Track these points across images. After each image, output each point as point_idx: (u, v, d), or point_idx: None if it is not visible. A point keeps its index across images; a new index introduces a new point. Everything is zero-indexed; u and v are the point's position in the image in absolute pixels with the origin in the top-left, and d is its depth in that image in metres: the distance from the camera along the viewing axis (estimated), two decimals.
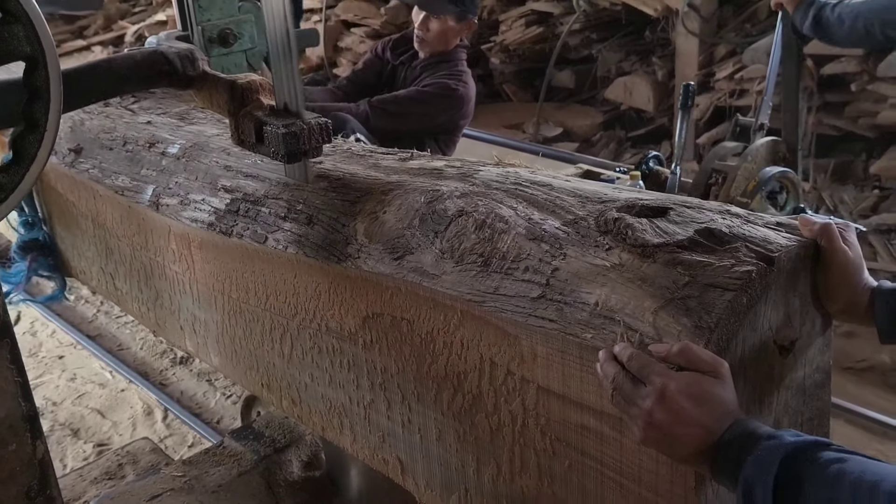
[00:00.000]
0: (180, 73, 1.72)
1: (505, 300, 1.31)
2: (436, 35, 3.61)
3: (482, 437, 1.42)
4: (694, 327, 1.12)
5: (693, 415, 1.06)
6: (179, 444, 3.47)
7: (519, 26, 6.93)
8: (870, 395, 3.56)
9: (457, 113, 3.63)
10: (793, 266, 1.22)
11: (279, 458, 2.17)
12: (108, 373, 4.06)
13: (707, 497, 1.17)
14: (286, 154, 1.57)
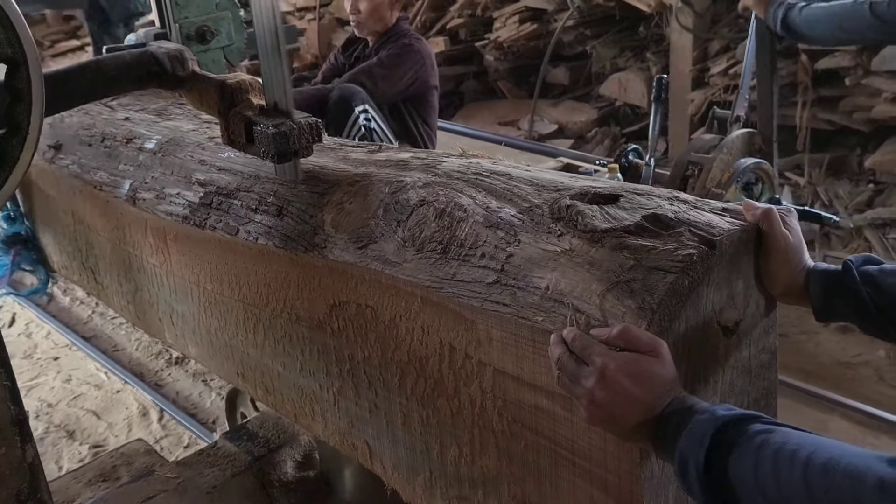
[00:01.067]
0: (170, 74, 1.76)
1: (462, 286, 1.37)
2: (368, 13, 3.72)
3: (444, 420, 1.48)
4: (637, 308, 1.18)
5: (633, 392, 1.12)
6: (175, 445, 3.51)
7: (513, 23, 6.99)
8: (865, 389, 3.60)
9: (421, 69, 3.73)
10: (735, 250, 1.27)
11: (273, 458, 2.21)
12: (104, 374, 4.10)
13: (652, 471, 1.22)
14: (276, 154, 1.60)
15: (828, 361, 3.84)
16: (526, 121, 6.81)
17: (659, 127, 2.96)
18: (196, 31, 2.22)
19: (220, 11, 2.26)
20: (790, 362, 3.81)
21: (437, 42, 7.31)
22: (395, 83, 3.62)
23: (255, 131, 1.62)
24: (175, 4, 2.17)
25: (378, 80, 3.55)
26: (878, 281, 1.24)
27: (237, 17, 2.32)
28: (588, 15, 6.71)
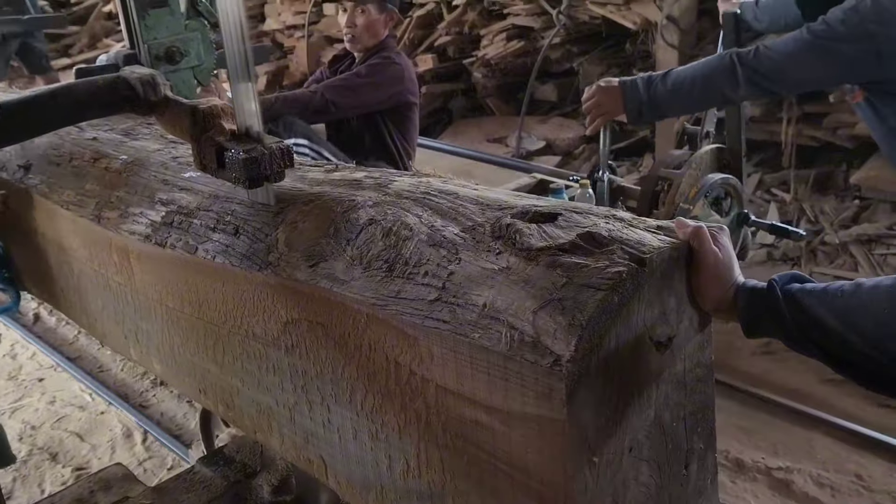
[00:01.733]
0: (142, 99, 1.78)
1: (405, 303, 1.41)
2: (363, 28, 3.79)
3: (392, 435, 1.52)
4: (567, 325, 1.22)
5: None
6: (159, 467, 3.52)
7: (500, 40, 7.06)
8: (851, 406, 3.62)
9: (401, 84, 3.81)
10: (666, 267, 1.32)
11: (250, 483, 2.21)
12: (89, 395, 4.13)
13: (585, 484, 1.26)
14: (247, 179, 1.61)
15: (813, 379, 3.85)
16: (514, 137, 6.86)
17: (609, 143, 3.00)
18: (165, 52, 2.26)
19: (190, 32, 2.30)
20: (775, 379, 3.87)
21: (426, 59, 7.38)
22: (372, 93, 3.68)
23: (226, 157, 1.64)
24: (144, 26, 2.21)
25: (355, 88, 3.62)
26: (799, 300, 1.29)
27: (206, 38, 2.37)
28: (574, 32, 6.78)
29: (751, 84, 2.66)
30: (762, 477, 3.25)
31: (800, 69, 2.66)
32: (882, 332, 1.20)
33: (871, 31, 2.53)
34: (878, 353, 1.21)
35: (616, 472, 1.32)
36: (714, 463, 1.49)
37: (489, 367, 1.30)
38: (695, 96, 2.73)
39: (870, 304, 1.22)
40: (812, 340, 1.28)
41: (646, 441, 1.36)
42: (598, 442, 1.27)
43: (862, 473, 3.23)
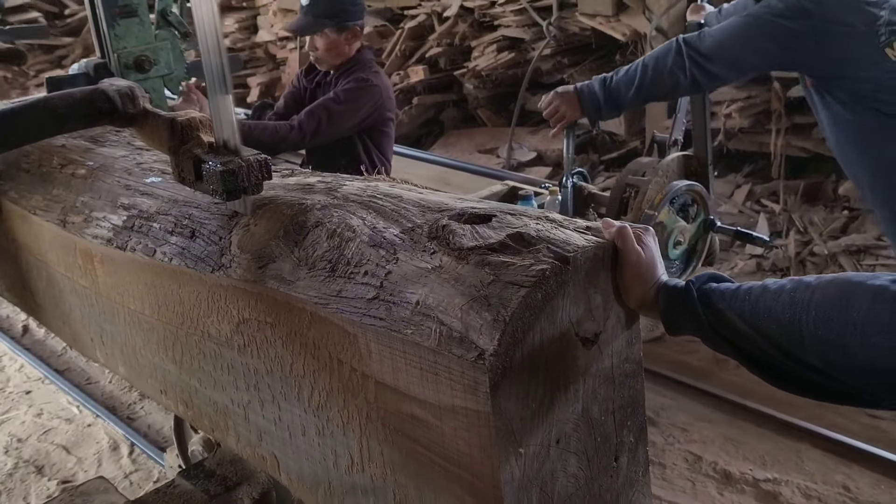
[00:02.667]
0: (120, 112, 1.81)
1: (345, 302, 1.48)
2: (324, 51, 3.84)
3: (337, 431, 1.58)
4: (492, 321, 1.29)
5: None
6: (145, 480, 3.57)
7: (491, 52, 7.14)
8: (839, 418, 3.68)
9: (378, 102, 3.85)
10: (591, 265, 1.38)
11: (230, 496, 2.23)
12: (76, 407, 4.17)
13: (512, 475, 1.32)
14: (224, 191, 1.64)
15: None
16: (505, 148, 6.93)
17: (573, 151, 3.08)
18: (135, 61, 2.34)
19: (159, 42, 2.38)
20: (763, 390, 3.85)
21: (417, 71, 7.46)
22: (351, 118, 3.74)
23: (203, 169, 1.67)
24: (114, 35, 2.29)
25: (334, 115, 3.67)
26: (711, 301, 1.35)
27: (176, 47, 2.44)
28: (565, 43, 6.85)
29: (696, 66, 2.72)
30: (750, 489, 3.30)
31: (740, 47, 2.72)
32: (784, 335, 1.26)
33: (808, 8, 2.60)
34: (782, 355, 1.27)
35: (543, 463, 1.38)
36: (645, 456, 1.55)
37: (421, 362, 1.36)
38: (647, 83, 2.79)
39: (773, 307, 1.28)
40: (725, 339, 1.35)
41: (574, 433, 1.42)
42: (524, 433, 1.33)
43: (849, 485, 3.28)
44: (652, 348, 4.44)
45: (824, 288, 1.24)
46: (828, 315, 1.20)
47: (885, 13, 2.59)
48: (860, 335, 1.16)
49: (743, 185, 6.32)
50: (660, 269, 1.43)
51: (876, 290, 1.17)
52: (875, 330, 1.14)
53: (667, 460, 3.51)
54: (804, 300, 1.25)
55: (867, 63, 2.61)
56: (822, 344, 1.21)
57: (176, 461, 2.74)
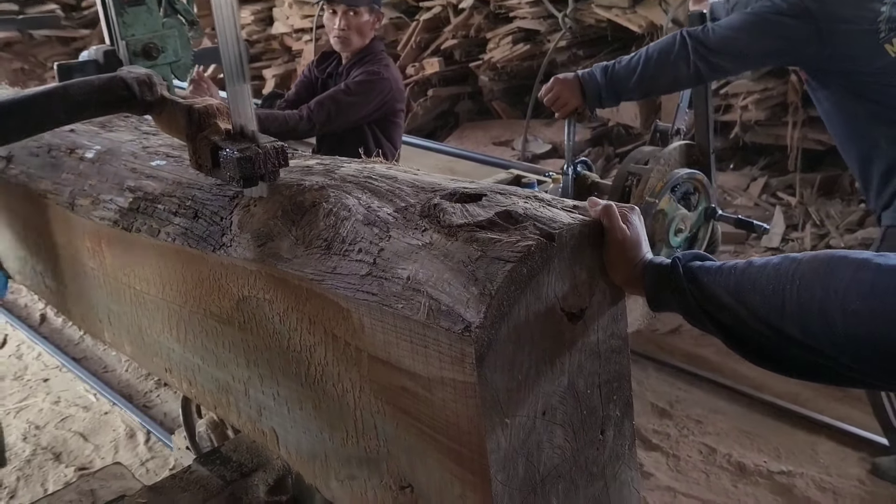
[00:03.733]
0: (139, 99, 1.84)
1: (340, 278, 1.54)
2: (355, 29, 3.91)
3: (333, 405, 1.65)
4: (479, 294, 1.35)
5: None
6: (161, 467, 3.62)
7: (506, 44, 7.18)
8: (853, 411, 3.68)
9: (388, 95, 3.92)
10: (576, 242, 1.44)
11: (246, 482, 2.25)
12: (93, 395, 4.23)
13: (498, 444, 1.38)
14: (241, 178, 1.67)
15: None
16: (520, 140, 6.98)
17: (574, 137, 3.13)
18: (142, 48, 2.41)
19: (167, 29, 2.45)
20: (778, 383, 3.92)
21: (432, 63, 7.51)
22: (361, 109, 3.80)
23: (220, 156, 1.70)
24: (122, 23, 2.36)
25: (344, 107, 3.74)
26: (697, 277, 1.40)
27: (184, 35, 2.51)
28: (580, 35, 6.89)
29: (700, 59, 2.77)
30: (764, 481, 3.32)
31: (744, 43, 2.78)
32: (767, 305, 1.31)
33: (811, 8, 2.66)
34: (766, 328, 1.31)
35: (529, 434, 1.43)
36: (632, 430, 1.60)
37: (411, 336, 1.42)
38: (649, 74, 2.84)
39: (758, 280, 1.33)
40: (708, 315, 1.39)
41: (560, 406, 1.47)
42: (510, 404, 1.39)
43: (864, 478, 3.29)
44: (667, 340, 4.48)
45: (809, 261, 1.29)
46: (811, 284, 1.25)
47: (886, 9, 2.64)
48: (840, 302, 1.20)
49: (759, 178, 6.34)
50: (644, 247, 1.49)
51: (859, 262, 1.22)
52: (855, 297, 1.19)
53: (681, 452, 3.53)
54: (789, 271, 1.29)
55: (867, 59, 2.66)
56: (804, 312, 1.25)
57: (184, 442, 2.81)
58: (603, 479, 1.57)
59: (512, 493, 1.42)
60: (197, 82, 3.16)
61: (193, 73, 2.86)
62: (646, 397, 3.92)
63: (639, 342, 4.42)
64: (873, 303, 1.17)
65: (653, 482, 3.32)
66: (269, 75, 8.74)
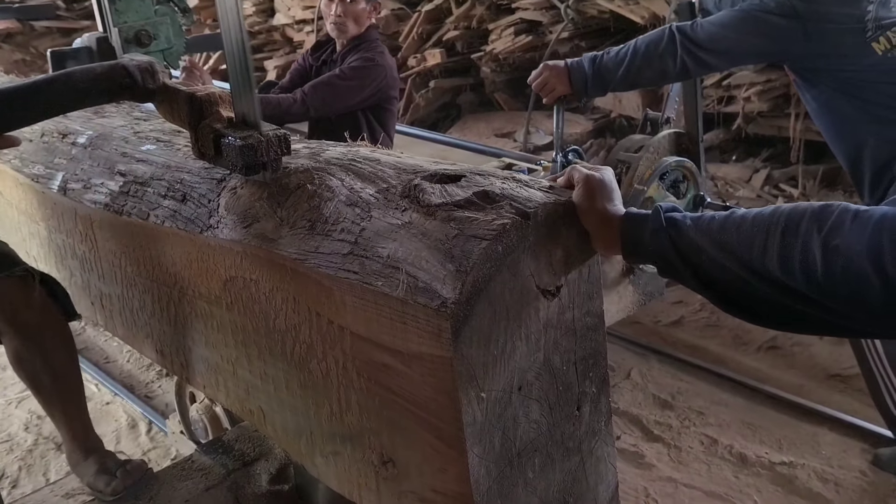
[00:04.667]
0: (140, 87, 1.86)
1: (322, 257, 1.60)
2: (352, 17, 3.98)
3: (317, 382, 1.70)
4: (455, 271, 1.40)
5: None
6: (163, 457, 3.64)
7: (508, 35, 7.21)
8: (856, 402, 3.70)
9: (382, 82, 3.98)
10: (551, 221, 1.48)
11: (247, 471, 2.30)
12: (94, 385, 4.24)
13: (474, 417, 1.44)
14: (244, 166, 1.68)
15: (819, 374, 3.97)
16: (522, 132, 7.01)
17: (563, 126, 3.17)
18: (135, 35, 2.46)
19: (159, 17, 2.50)
20: (782, 374, 3.98)
21: (434, 54, 7.55)
22: (355, 95, 3.87)
23: (222, 144, 1.72)
24: (115, 10, 2.41)
25: (339, 91, 3.80)
26: (678, 224, 1.44)
27: (176, 22, 2.57)
28: (583, 27, 6.92)
29: (688, 54, 2.83)
30: (766, 472, 3.34)
31: (732, 40, 2.83)
32: (751, 249, 1.34)
33: (798, 8, 2.71)
34: (746, 271, 1.35)
35: (506, 409, 1.48)
36: (608, 407, 1.66)
37: (391, 312, 1.47)
38: (636, 66, 2.90)
39: (742, 224, 1.37)
40: (686, 261, 1.42)
41: (536, 381, 1.52)
42: (485, 379, 1.44)
43: (866, 469, 3.31)
44: (669, 332, 4.52)
45: (794, 206, 1.34)
46: (796, 224, 1.30)
47: (873, 8, 2.69)
48: (822, 240, 1.26)
49: (761, 170, 6.37)
50: (618, 198, 1.53)
51: (843, 209, 1.28)
52: (835, 234, 1.25)
53: (683, 443, 3.55)
54: (774, 216, 1.34)
55: (854, 57, 2.71)
56: (786, 252, 1.30)
57: (178, 426, 2.87)
58: (579, 453, 1.62)
59: (489, 465, 1.47)
60: (189, 70, 3.22)
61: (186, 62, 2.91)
62: (648, 388, 3.95)
63: (642, 333, 4.46)
64: (850, 237, 1.23)
65: (654, 473, 3.35)
66: (270, 66, 8.79)
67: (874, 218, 1.23)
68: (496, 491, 1.50)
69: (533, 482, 1.56)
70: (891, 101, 2.70)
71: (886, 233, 1.19)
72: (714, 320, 4.53)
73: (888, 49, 2.66)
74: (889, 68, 2.68)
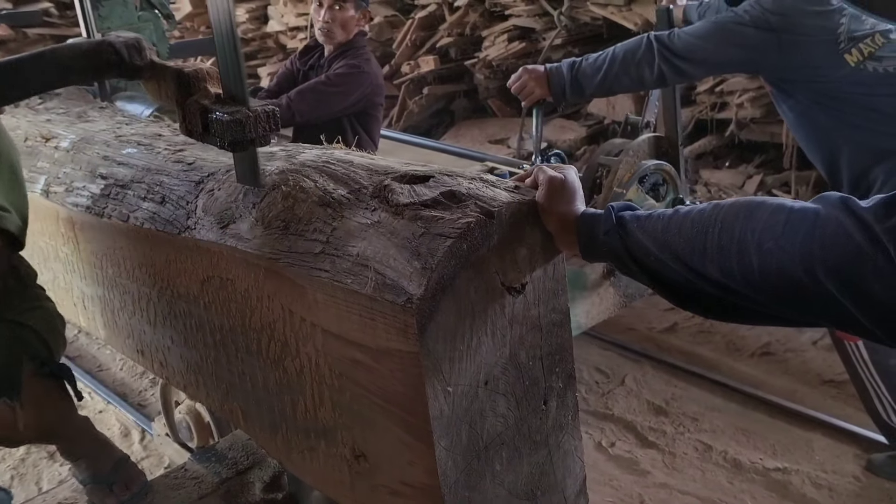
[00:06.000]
0: (127, 63, 1.87)
1: (295, 256, 1.66)
2: (340, 24, 4.05)
3: (292, 379, 1.77)
4: (421, 268, 1.46)
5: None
6: (156, 466, 3.67)
7: (502, 42, 7.29)
8: (849, 408, 3.75)
9: (368, 89, 4.06)
10: (516, 220, 1.55)
11: (241, 480, 2.33)
12: (88, 394, 4.26)
13: (441, 411, 1.50)
14: (231, 142, 1.67)
15: (813, 379, 4.02)
16: (515, 139, 7.08)
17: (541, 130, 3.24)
18: None
19: (142, 22, 2.57)
20: (775, 380, 4.04)
21: (428, 61, 7.62)
22: (340, 101, 3.94)
23: (210, 119, 1.70)
24: (98, 15, 2.48)
25: (324, 97, 3.87)
26: (626, 223, 1.50)
27: (159, 28, 2.64)
28: (576, 33, 6.99)
29: (665, 62, 2.91)
30: (760, 478, 3.38)
31: (709, 50, 2.92)
32: (691, 250, 1.41)
33: (772, 22, 2.79)
34: (688, 271, 1.42)
35: (472, 402, 1.55)
36: (575, 401, 1.72)
37: (360, 309, 1.54)
38: (613, 72, 2.98)
39: (683, 225, 1.43)
40: (635, 261, 1.49)
41: (502, 376, 1.58)
42: (452, 373, 1.50)
43: (860, 474, 3.34)
44: (664, 338, 4.56)
45: (731, 205, 1.40)
46: (731, 226, 1.36)
47: (846, 21, 2.78)
48: (756, 242, 1.32)
49: (754, 176, 6.43)
50: (579, 199, 1.59)
51: (776, 206, 1.34)
52: (769, 236, 1.31)
53: (677, 449, 3.60)
54: (712, 216, 1.41)
55: (827, 69, 2.80)
56: (724, 253, 1.36)
57: (164, 428, 2.93)
58: (546, 447, 1.68)
59: (456, 458, 1.54)
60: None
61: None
62: (642, 395, 4.00)
63: (636, 340, 4.52)
64: (784, 241, 1.29)
65: (649, 479, 3.39)
66: (264, 73, 8.86)
67: (806, 223, 1.28)
68: (464, 483, 1.56)
69: (501, 475, 1.62)
70: (864, 110, 2.79)
71: (817, 241, 1.24)
72: (707, 326, 4.58)
73: (860, 61, 2.75)
74: (861, 79, 2.76)
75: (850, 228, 1.21)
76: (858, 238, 1.19)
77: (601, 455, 3.56)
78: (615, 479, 3.38)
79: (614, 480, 3.38)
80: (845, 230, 1.21)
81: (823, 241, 1.24)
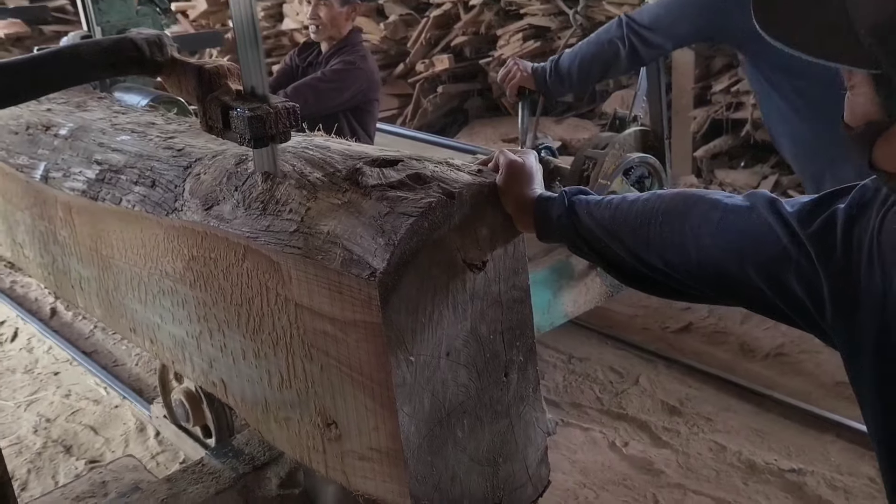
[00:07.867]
0: (148, 60, 1.93)
1: (272, 235, 1.81)
2: (327, 21, 4.22)
3: (269, 352, 1.91)
4: (384, 244, 1.60)
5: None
6: (171, 461, 3.73)
7: (517, 41, 7.41)
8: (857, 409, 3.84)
9: (364, 85, 4.24)
10: (476, 200, 1.68)
11: (257, 475, 2.42)
12: (103, 389, 4.37)
13: (404, 378, 1.63)
14: (252, 138, 1.73)
15: (827, 381, 4.04)
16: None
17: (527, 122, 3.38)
18: (117, 34, 2.68)
19: (141, 17, 2.73)
20: (789, 381, 4.07)
21: (442, 60, 7.76)
22: (336, 97, 4.10)
23: (230, 115, 1.76)
24: (97, 9, 2.64)
25: (320, 93, 4.04)
26: (577, 209, 1.64)
27: (157, 22, 2.79)
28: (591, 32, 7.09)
29: (634, 34, 3.03)
30: (775, 479, 3.40)
31: (673, 17, 3.01)
32: (636, 240, 1.55)
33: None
34: (634, 259, 1.57)
35: (434, 372, 1.69)
36: (536, 375, 1.86)
37: (329, 284, 1.68)
38: (588, 53, 3.12)
39: (628, 215, 1.57)
40: (587, 244, 1.64)
41: (464, 348, 1.72)
42: (414, 344, 1.64)
43: (875, 477, 3.33)
44: (678, 338, 4.60)
45: (672, 198, 1.55)
46: (671, 221, 1.51)
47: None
48: (694, 237, 1.46)
49: (770, 176, 6.51)
50: (538, 182, 1.74)
51: (711, 202, 1.48)
52: (706, 232, 1.45)
53: (691, 449, 3.62)
54: (654, 208, 1.55)
55: None
56: (665, 246, 1.51)
57: (162, 412, 3.07)
58: (508, 417, 1.82)
59: (418, 424, 1.68)
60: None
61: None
62: (656, 395, 4.04)
63: (650, 339, 4.58)
64: (719, 239, 1.43)
65: (663, 479, 3.43)
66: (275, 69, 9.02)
67: (739, 223, 1.41)
68: (426, 448, 1.70)
69: (462, 441, 1.76)
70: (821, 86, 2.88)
71: (748, 240, 1.38)
72: (722, 327, 4.63)
73: None
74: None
75: (777, 231, 1.34)
76: (785, 241, 1.33)
77: (615, 454, 3.60)
78: (629, 479, 3.43)
79: (628, 480, 3.42)
80: (774, 233, 1.34)
81: (754, 240, 1.38)
